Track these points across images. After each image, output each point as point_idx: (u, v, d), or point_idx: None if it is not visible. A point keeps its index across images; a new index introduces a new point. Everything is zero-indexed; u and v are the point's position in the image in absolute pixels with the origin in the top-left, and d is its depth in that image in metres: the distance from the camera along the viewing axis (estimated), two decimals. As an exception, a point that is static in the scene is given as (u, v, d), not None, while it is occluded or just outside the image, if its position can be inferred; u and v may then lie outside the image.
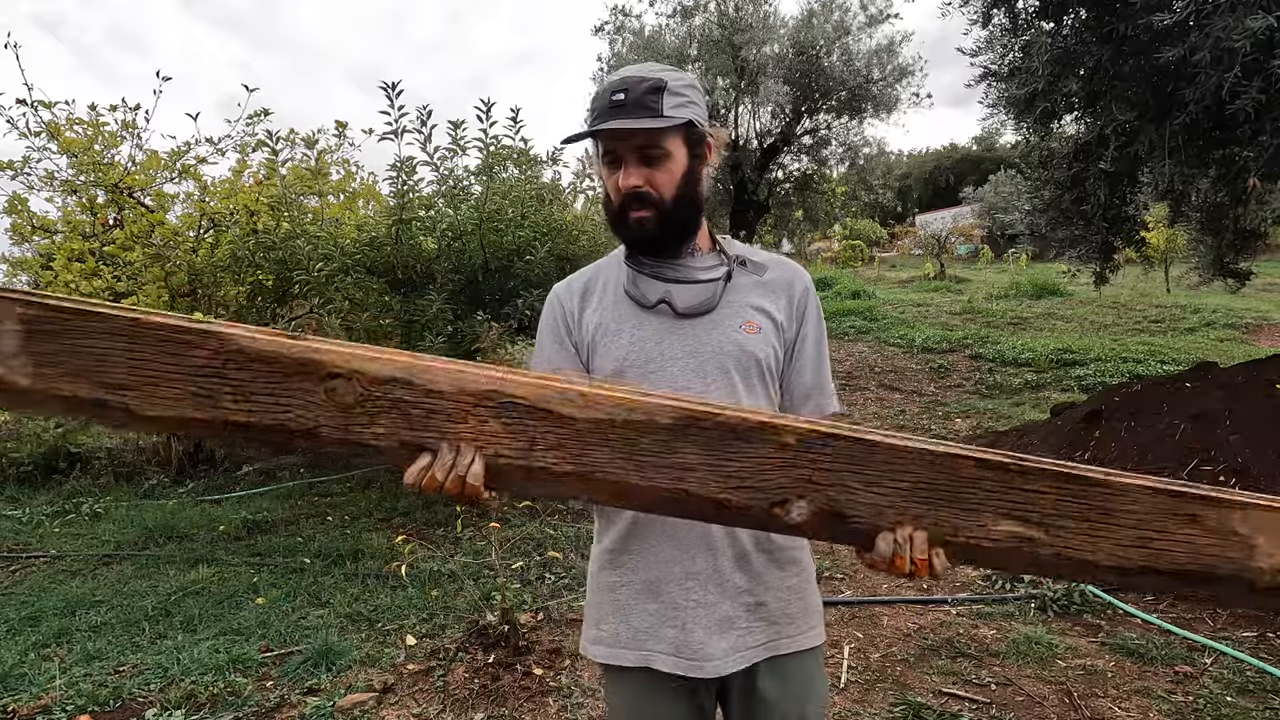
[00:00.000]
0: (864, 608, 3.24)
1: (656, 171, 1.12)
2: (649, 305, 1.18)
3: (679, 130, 1.13)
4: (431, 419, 0.87)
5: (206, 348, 0.81)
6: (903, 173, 36.84)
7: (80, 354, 0.79)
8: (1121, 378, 7.11)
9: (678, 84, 1.12)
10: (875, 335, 10.18)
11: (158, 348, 0.81)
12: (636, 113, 1.08)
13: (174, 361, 0.81)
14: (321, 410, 0.84)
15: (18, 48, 5.47)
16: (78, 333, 0.79)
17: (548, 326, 1.27)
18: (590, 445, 0.89)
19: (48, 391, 0.79)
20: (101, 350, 0.79)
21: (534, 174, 5.24)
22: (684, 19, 11.97)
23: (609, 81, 1.13)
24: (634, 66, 1.14)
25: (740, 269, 1.22)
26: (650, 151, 1.12)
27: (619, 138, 1.11)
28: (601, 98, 1.11)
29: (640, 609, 1.17)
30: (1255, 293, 12.15)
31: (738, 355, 1.15)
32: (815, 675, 1.22)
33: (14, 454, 6.34)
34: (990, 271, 19.30)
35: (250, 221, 5.82)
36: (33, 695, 2.73)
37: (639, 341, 1.17)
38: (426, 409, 0.86)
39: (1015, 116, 4.97)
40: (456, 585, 3.56)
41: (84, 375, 0.79)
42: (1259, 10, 3.14)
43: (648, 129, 1.09)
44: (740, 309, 1.18)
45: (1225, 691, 2.46)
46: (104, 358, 0.79)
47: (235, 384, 0.82)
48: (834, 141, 12.94)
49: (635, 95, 1.08)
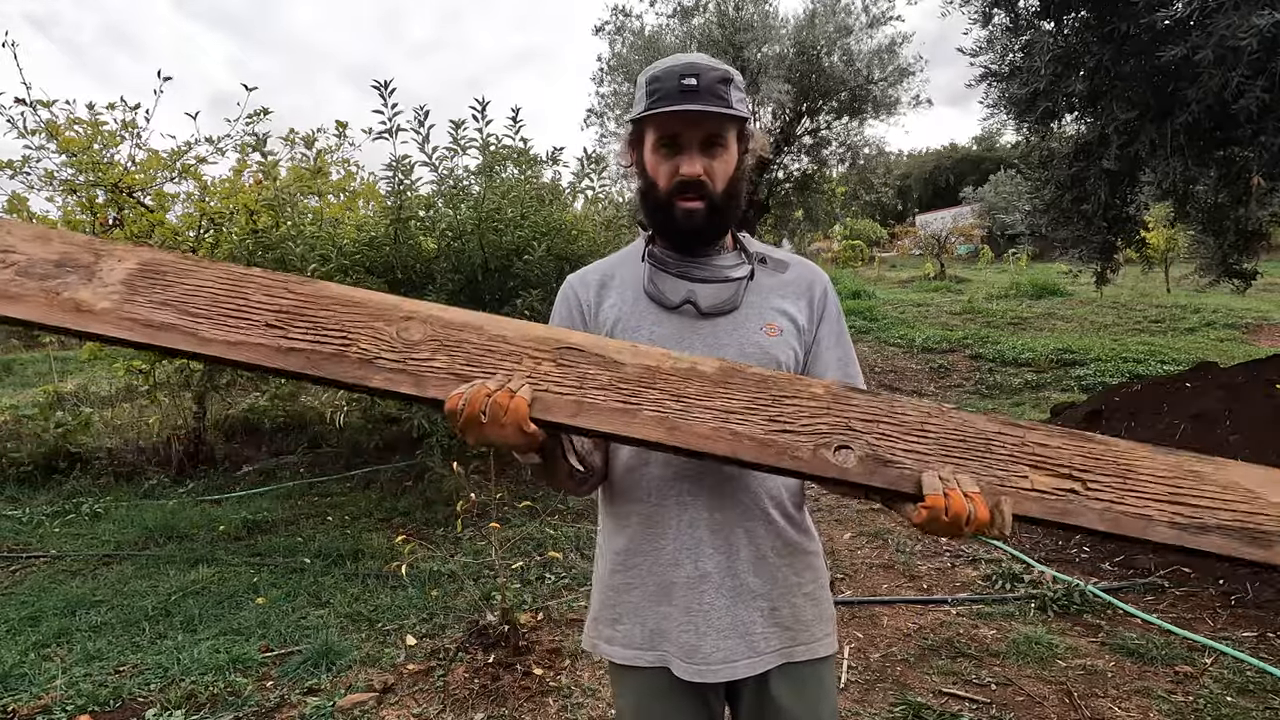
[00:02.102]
0: (864, 608, 3.24)
1: (714, 162, 1.11)
2: (672, 305, 1.15)
3: (737, 124, 1.12)
4: (489, 356, 0.95)
5: (302, 291, 0.95)
6: (903, 173, 36.83)
7: (174, 288, 0.94)
8: (1121, 378, 7.11)
9: (739, 79, 1.12)
10: (875, 335, 10.18)
11: (256, 288, 0.95)
12: (709, 100, 1.06)
13: (265, 301, 0.94)
14: (387, 344, 0.94)
15: (15, 46, 5.46)
16: (179, 273, 0.94)
17: (561, 317, 1.24)
18: (640, 388, 0.96)
19: (124, 314, 0.92)
20: (194, 286, 0.94)
21: (534, 174, 5.23)
22: (684, 19, 11.97)
23: (672, 65, 1.09)
24: (691, 55, 1.11)
25: (762, 268, 1.20)
26: (714, 141, 1.10)
27: (690, 122, 1.09)
28: (667, 80, 1.08)
29: (653, 611, 1.15)
30: (1255, 293, 12.13)
31: (758, 357, 1.13)
32: (828, 684, 1.19)
33: (14, 454, 6.34)
34: (990, 271, 19.31)
35: (250, 221, 5.82)
36: (33, 695, 2.72)
37: (658, 340, 1.15)
38: (488, 349, 0.96)
39: (1016, 116, 4.97)
40: (456, 585, 3.55)
41: (170, 304, 0.93)
42: (1264, 8, 3.12)
43: (719, 116, 1.08)
44: (762, 310, 1.16)
45: (1225, 691, 2.46)
46: (195, 291, 0.94)
47: (311, 321, 0.94)
48: (834, 141, 12.93)
49: (707, 82, 1.07)
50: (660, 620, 1.14)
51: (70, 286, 0.93)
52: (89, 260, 0.95)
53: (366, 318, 0.95)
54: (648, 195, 1.16)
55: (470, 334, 0.96)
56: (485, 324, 0.97)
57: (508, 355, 0.96)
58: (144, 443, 6.58)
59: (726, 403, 0.95)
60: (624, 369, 0.96)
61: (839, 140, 12.93)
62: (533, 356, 0.96)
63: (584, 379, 0.95)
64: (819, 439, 0.94)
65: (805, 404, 0.96)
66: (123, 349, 7.70)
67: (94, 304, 0.92)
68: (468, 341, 0.96)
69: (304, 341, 0.93)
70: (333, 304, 0.95)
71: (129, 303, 0.93)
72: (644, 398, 0.95)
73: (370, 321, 0.95)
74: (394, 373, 0.93)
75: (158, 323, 0.92)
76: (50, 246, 0.95)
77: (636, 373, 0.96)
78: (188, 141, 6.24)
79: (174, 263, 0.96)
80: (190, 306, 0.93)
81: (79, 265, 0.94)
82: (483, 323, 0.97)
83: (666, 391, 0.96)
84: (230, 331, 0.93)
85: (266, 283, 0.96)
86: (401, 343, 0.94)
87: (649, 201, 1.16)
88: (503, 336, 0.97)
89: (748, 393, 0.96)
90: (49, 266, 0.94)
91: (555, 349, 0.96)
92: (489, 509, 4.59)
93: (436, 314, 0.97)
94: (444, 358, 0.95)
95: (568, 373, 0.96)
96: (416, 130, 4.60)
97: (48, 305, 0.92)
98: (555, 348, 0.96)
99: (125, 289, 0.93)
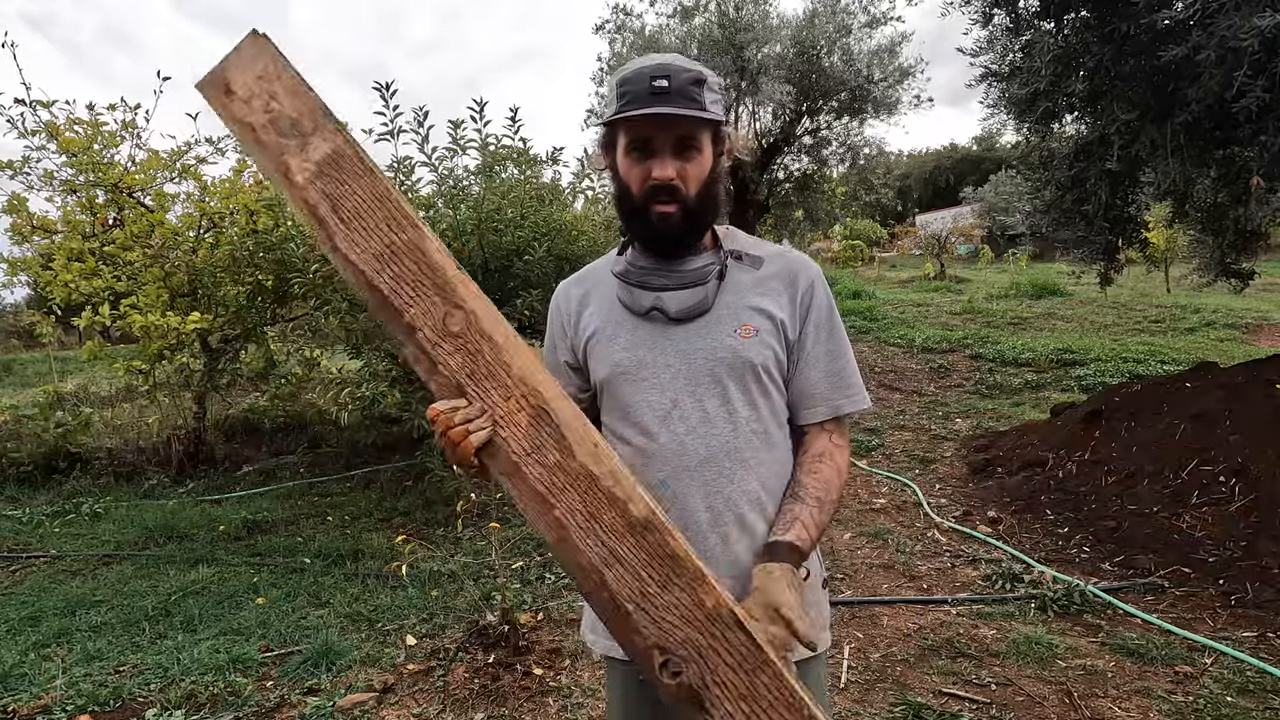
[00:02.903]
0: (864, 608, 3.24)
1: (688, 165, 1.08)
2: (641, 313, 1.15)
3: (711, 127, 1.10)
4: (487, 381, 1.01)
5: (406, 236, 1.02)
6: (903, 173, 36.84)
7: (343, 185, 1.02)
8: (1121, 378, 7.10)
9: (713, 80, 1.09)
10: (875, 335, 10.18)
11: (385, 215, 1.02)
12: (680, 102, 1.04)
13: (384, 232, 1.02)
14: (432, 321, 1.01)
15: (15, 47, 5.46)
16: (354, 175, 1.02)
17: (551, 326, 1.28)
18: (569, 487, 0.98)
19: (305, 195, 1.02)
20: (352, 190, 1.02)
21: (533, 174, 5.23)
22: (684, 19, 11.97)
23: (642, 66, 1.07)
24: (663, 55, 1.08)
25: (736, 264, 1.16)
26: (687, 144, 1.08)
27: (662, 126, 1.06)
28: (637, 82, 1.05)
29: None
30: (1255, 293, 12.15)
31: (730, 361, 1.11)
32: (813, 681, 1.18)
33: (14, 454, 6.34)
34: (990, 271, 19.32)
35: (250, 222, 5.82)
36: (33, 695, 2.72)
37: (631, 347, 1.15)
38: (490, 372, 1.01)
39: (1016, 116, 4.97)
40: (456, 585, 3.55)
41: (331, 198, 1.02)
42: (1266, 9, 3.12)
43: (691, 119, 1.05)
44: (737, 311, 1.13)
45: (1225, 691, 2.46)
46: (350, 194, 1.02)
47: (400, 270, 1.02)
48: (834, 141, 12.92)
49: (679, 84, 1.04)
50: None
51: (289, 151, 1.03)
52: (309, 130, 1.03)
53: (432, 287, 1.01)
54: (622, 200, 1.15)
55: (487, 347, 1.01)
56: (504, 343, 1.01)
57: (500, 387, 1.00)
58: (144, 443, 6.58)
59: (622, 549, 0.96)
60: (572, 462, 0.98)
61: (839, 140, 12.93)
62: (517, 401, 1.00)
63: (538, 449, 0.99)
64: (661, 643, 0.93)
65: (686, 608, 0.93)
66: (122, 349, 7.69)
67: (295, 175, 1.03)
68: (482, 354, 1.01)
69: (385, 284, 1.02)
70: (421, 259, 1.02)
71: (311, 186, 1.03)
72: (566, 498, 0.98)
73: (432, 293, 1.01)
74: (421, 352, 1.02)
75: (320, 215, 1.03)
76: (296, 102, 1.03)
77: (577, 471, 0.98)
78: (188, 142, 6.25)
79: (351, 161, 1.03)
80: (342, 210, 1.02)
81: (301, 133, 1.03)
82: (503, 340, 1.01)
83: (588, 505, 0.97)
84: (351, 248, 1.03)
85: (394, 214, 1.02)
86: (441, 328, 1.01)
87: (623, 206, 1.15)
88: (508, 366, 1.00)
89: (649, 555, 0.95)
90: (287, 124, 1.03)
91: (536, 406, 1.00)
92: (489, 509, 4.59)
93: (477, 309, 1.01)
94: (459, 360, 1.01)
95: (531, 435, 1.00)
96: (416, 131, 4.60)
97: (273, 163, 1.04)
98: (536, 405, 1.00)
99: (316, 170, 1.03)
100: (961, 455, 5.58)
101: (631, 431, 1.16)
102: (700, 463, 1.12)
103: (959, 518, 4.35)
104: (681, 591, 0.94)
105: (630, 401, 1.15)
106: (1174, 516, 3.73)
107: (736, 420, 1.12)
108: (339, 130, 1.03)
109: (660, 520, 0.96)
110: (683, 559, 0.94)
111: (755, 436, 1.13)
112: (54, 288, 5.95)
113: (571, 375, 1.26)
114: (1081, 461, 4.56)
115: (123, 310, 5.77)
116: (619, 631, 0.97)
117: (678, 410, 1.12)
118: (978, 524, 4.22)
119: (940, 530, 4.16)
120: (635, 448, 1.15)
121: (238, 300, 5.96)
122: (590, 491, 0.98)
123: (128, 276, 5.99)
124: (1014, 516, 4.30)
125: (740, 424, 1.13)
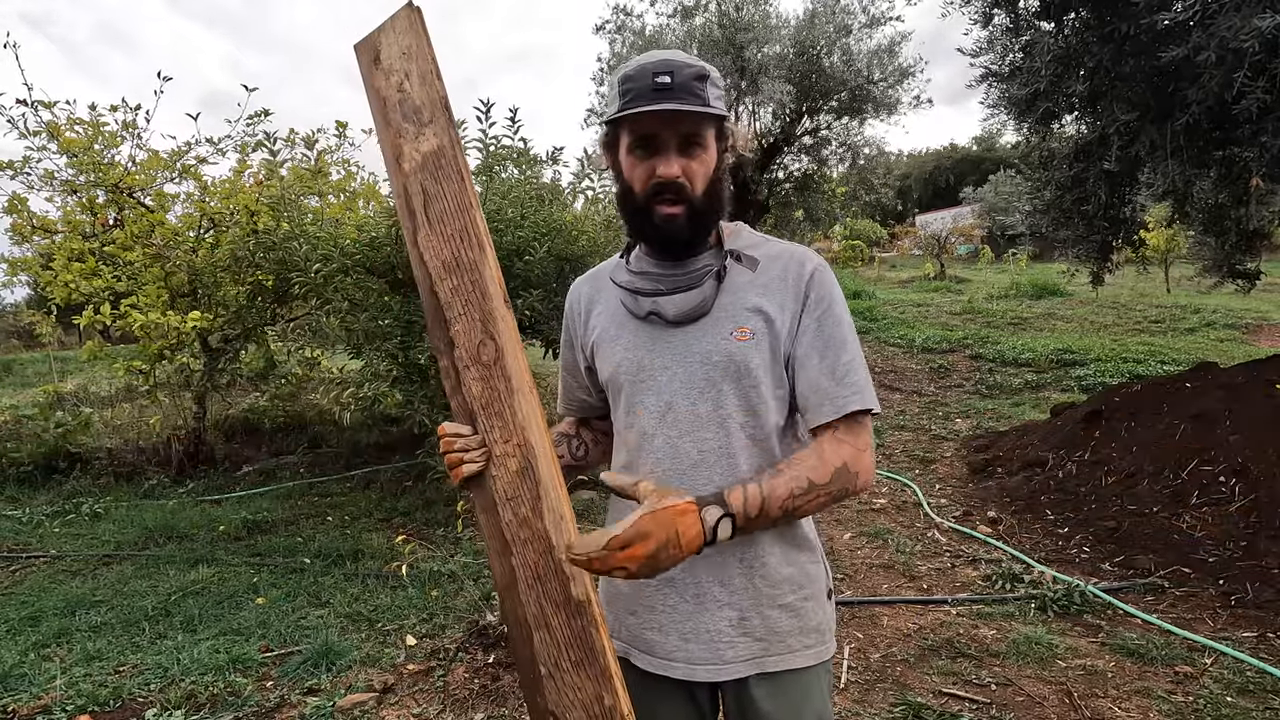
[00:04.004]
0: (864, 608, 3.24)
1: (693, 162, 1.05)
2: (641, 316, 1.14)
3: (715, 123, 1.07)
4: (496, 418, 1.06)
5: (472, 255, 1.06)
6: (903, 173, 36.85)
7: (438, 184, 1.06)
8: (1121, 378, 7.11)
9: (716, 76, 1.07)
10: (875, 335, 10.18)
11: (461, 227, 1.06)
12: (684, 98, 1.01)
13: (457, 243, 1.06)
14: (468, 344, 1.06)
15: (16, 47, 5.47)
16: (448, 177, 1.06)
17: (565, 324, 1.30)
18: (530, 541, 1.04)
19: (407, 184, 1.07)
20: (441, 191, 1.06)
21: (534, 174, 5.23)
22: (685, 19, 11.97)
23: (644, 63, 1.03)
24: (665, 52, 1.06)
25: (735, 265, 1.13)
26: (692, 141, 1.05)
27: (666, 122, 1.03)
28: (640, 79, 1.02)
29: (621, 608, 1.19)
30: (1255, 293, 12.10)
31: (725, 365, 1.09)
32: (813, 690, 1.15)
33: (14, 454, 6.34)
34: (990, 271, 19.32)
35: (250, 222, 5.82)
36: (33, 695, 2.73)
37: (631, 349, 1.15)
38: (499, 410, 1.06)
39: (1016, 117, 4.97)
40: (456, 585, 3.55)
41: (426, 194, 1.07)
42: (1266, 10, 3.12)
43: (696, 115, 1.03)
44: (735, 312, 1.10)
45: (1225, 692, 2.46)
46: (439, 196, 1.06)
47: (458, 284, 1.06)
48: (834, 141, 12.93)
49: (682, 79, 1.01)
50: (628, 616, 1.18)
51: (406, 136, 1.06)
52: (426, 119, 1.05)
53: (479, 311, 1.05)
54: (625, 199, 1.11)
55: (503, 386, 1.05)
56: (518, 386, 1.05)
57: (504, 427, 1.06)
58: (144, 443, 6.58)
59: (554, 620, 1.03)
60: (539, 523, 1.03)
61: (839, 140, 12.94)
62: (515, 446, 1.05)
63: (514, 500, 1.05)
64: (557, 714, 1.03)
65: (588, 698, 1.01)
66: (122, 349, 7.67)
67: (404, 162, 1.07)
68: (499, 391, 1.06)
69: (444, 293, 1.07)
70: (477, 281, 1.05)
71: (415, 176, 1.06)
72: (524, 553, 1.05)
73: (477, 317, 1.06)
74: (453, 368, 1.08)
75: (413, 207, 1.07)
76: (424, 89, 1.06)
77: (540, 533, 1.04)
78: (188, 142, 6.25)
79: (451, 162, 1.05)
80: (431, 209, 1.06)
81: (420, 121, 1.06)
82: (517, 384, 1.05)
83: (539, 568, 1.04)
84: (425, 250, 1.07)
85: (469, 228, 1.05)
86: (474, 353, 1.06)
87: (627, 206, 1.11)
88: (515, 411, 1.05)
89: (573, 635, 1.02)
90: (411, 109, 1.06)
91: (526, 459, 1.04)
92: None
93: (506, 347, 1.05)
94: (479, 389, 1.06)
95: (515, 483, 1.05)
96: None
97: (390, 143, 1.07)
98: (527, 458, 1.04)
99: (422, 162, 1.06)
100: (961, 455, 5.58)
101: (632, 433, 1.16)
102: (692, 465, 1.11)
103: (959, 518, 4.35)
104: (589, 681, 1.01)
105: (631, 403, 1.16)
106: (1174, 516, 3.73)
107: (730, 424, 1.10)
108: (450, 127, 1.05)
109: (594, 612, 1.01)
110: (599, 653, 1.01)
111: (750, 440, 1.11)
112: (54, 288, 5.96)
113: (584, 376, 1.27)
114: (1081, 461, 4.56)
115: (123, 310, 5.77)
116: (528, 684, 1.06)
117: (672, 413, 1.12)
118: (978, 524, 4.22)
119: (940, 530, 4.16)
120: (635, 449, 1.16)
121: (238, 300, 5.96)
122: (545, 556, 1.03)
123: (128, 276, 5.99)
124: (1014, 516, 4.30)
125: (734, 428, 1.10)
